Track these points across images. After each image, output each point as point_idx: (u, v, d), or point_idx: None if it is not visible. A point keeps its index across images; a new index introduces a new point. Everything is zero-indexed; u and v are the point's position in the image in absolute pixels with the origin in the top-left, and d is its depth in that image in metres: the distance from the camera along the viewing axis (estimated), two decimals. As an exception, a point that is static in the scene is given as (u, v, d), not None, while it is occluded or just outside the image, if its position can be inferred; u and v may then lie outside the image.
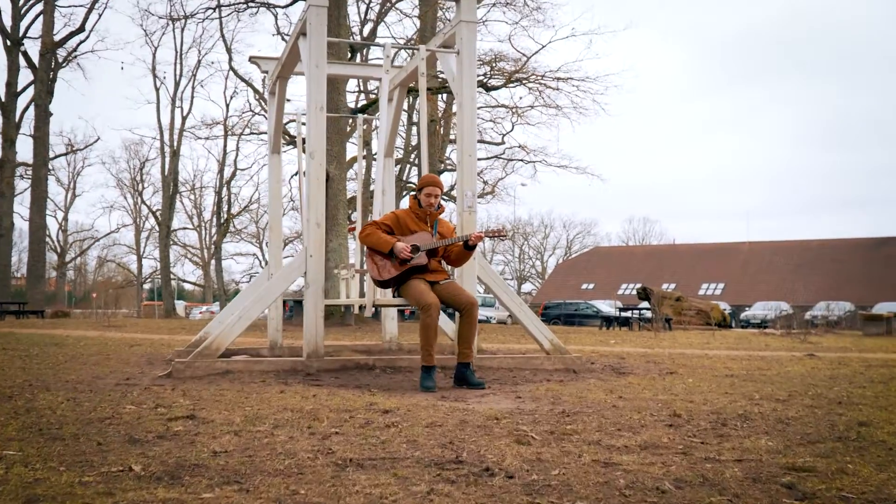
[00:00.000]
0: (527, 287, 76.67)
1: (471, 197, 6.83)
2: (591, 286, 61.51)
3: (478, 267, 6.84)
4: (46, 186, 29.91)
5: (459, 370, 5.82)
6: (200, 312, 47.78)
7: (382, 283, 6.04)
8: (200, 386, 5.51)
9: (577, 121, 40.47)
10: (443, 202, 6.32)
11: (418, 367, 6.49)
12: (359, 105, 25.51)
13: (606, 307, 34.98)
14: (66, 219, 58.85)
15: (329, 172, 17.66)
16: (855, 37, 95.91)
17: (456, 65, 6.91)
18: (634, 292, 35.60)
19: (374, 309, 6.60)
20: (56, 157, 41.99)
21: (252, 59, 8.93)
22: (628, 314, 23.76)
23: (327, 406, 4.37)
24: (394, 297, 6.19)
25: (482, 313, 37.77)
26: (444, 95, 30.00)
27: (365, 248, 6.11)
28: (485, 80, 20.89)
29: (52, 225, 52.23)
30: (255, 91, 34.05)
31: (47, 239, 59.46)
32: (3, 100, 34.06)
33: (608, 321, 23.28)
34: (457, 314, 5.92)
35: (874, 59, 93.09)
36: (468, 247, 5.99)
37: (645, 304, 26.02)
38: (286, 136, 21.58)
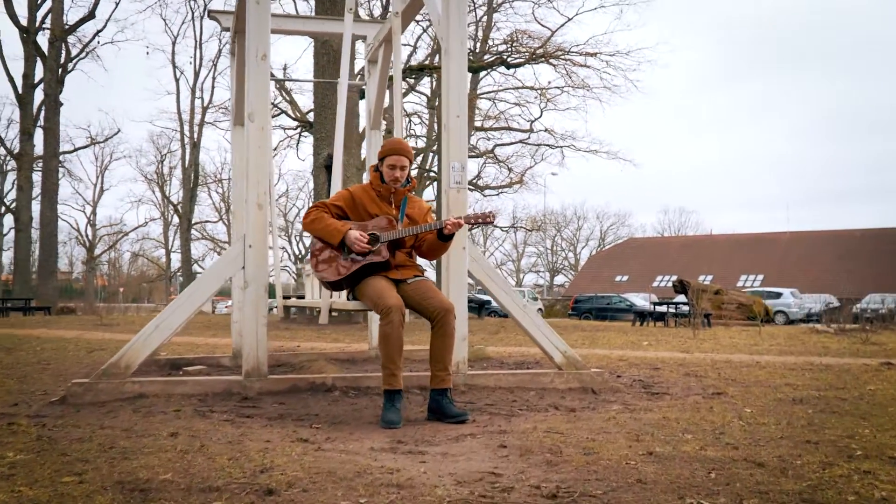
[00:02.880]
0: (559, 279, 75.02)
1: (459, 170, 5.35)
2: (626, 278, 59.67)
3: (468, 259, 5.36)
4: (57, 179, 28.96)
5: (433, 399, 4.37)
6: (227, 307, 46.94)
7: (332, 284, 4.59)
8: (90, 418, 4.14)
9: (608, 101, 38.65)
10: (413, 176, 4.87)
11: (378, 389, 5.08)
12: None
13: (640, 301, 33.28)
14: (94, 213, 58.52)
15: (331, 155, 16.25)
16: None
17: (441, 2, 5.43)
18: (670, 285, 33.85)
19: (331, 314, 5.15)
20: (76, 149, 41.22)
21: (211, 15, 7.54)
22: (663, 309, 22.08)
23: (215, 466, 2.94)
24: (349, 299, 4.74)
25: (510, 307, 36.26)
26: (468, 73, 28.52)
27: (311, 239, 4.67)
28: (505, 57, 19.32)
29: (81, 219, 51.78)
30: (276, 81, 32.86)
31: (76, 233, 59.48)
32: (20, 92, 33.30)
33: (642, 317, 21.63)
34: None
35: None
36: (443, 236, 4.52)
37: (681, 297, 24.28)
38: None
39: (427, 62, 21.21)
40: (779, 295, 32.70)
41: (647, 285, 52.56)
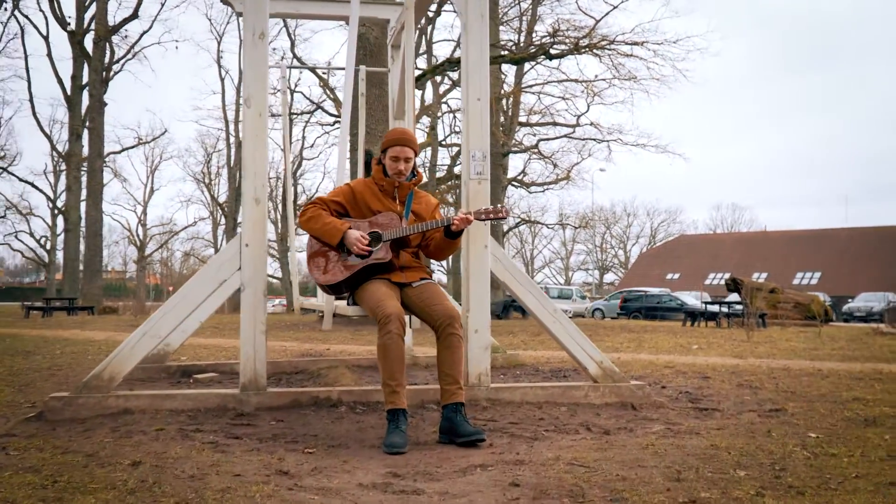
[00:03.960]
0: (609, 277, 73.80)
1: (480, 160, 4.80)
2: (677, 276, 58.38)
3: (491, 259, 4.80)
4: (102, 179, 29.10)
5: (446, 416, 3.83)
6: (273, 305, 47.01)
7: (331, 288, 4.08)
8: (60, 439, 3.70)
9: (656, 93, 37.51)
10: (421, 170, 4.34)
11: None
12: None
13: (692, 299, 32.22)
14: (144, 213, 59.29)
15: (372, 153, 15.80)
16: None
17: (459, -27, 4.88)
18: (723, 283, 32.71)
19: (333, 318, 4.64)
20: (124, 149, 41.65)
21: None
22: (715, 308, 21.16)
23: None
24: (349, 303, 4.23)
25: (557, 305, 35.35)
26: (512, 67, 27.82)
27: (308, 238, 4.17)
28: (546, 47, 18.64)
29: (132, 219, 52.49)
30: (319, 77, 32.64)
31: (127, 233, 60.35)
32: (68, 93, 33.68)
33: (693, 317, 20.74)
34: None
35: None
36: (450, 233, 3.99)
37: (734, 295, 23.30)
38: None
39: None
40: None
41: (699, 283, 51.21)
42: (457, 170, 34.43)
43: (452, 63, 18.55)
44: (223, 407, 4.43)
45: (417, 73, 24.10)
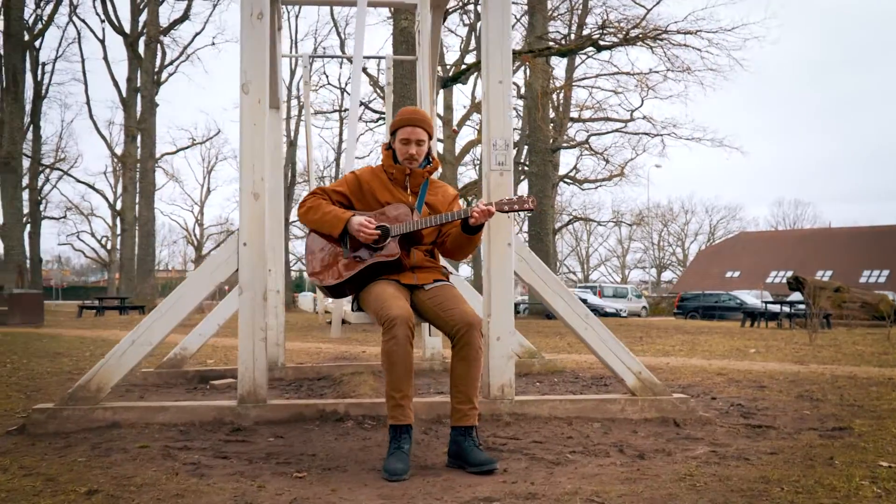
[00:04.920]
0: (667, 275, 72.31)
1: (502, 148, 4.33)
2: (737, 274, 56.84)
3: (515, 258, 4.33)
4: (154, 179, 29.37)
5: (453, 440, 3.37)
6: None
7: (332, 290, 3.65)
8: (30, 457, 3.38)
9: (712, 84, 36.30)
10: (436, 156, 3.89)
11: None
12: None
13: (752, 298, 31.08)
14: (201, 213, 60.09)
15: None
16: None
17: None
18: (784, 281, 31.47)
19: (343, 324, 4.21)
20: (178, 150, 42.14)
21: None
22: (777, 308, 20.25)
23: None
24: (353, 309, 3.80)
25: (610, 305, 34.61)
26: (563, 60, 27.14)
27: (308, 234, 3.76)
28: (595, 39, 17.98)
29: (189, 219, 53.22)
30: (370, 77, 32.45)
31: (184, 233, 61.30)
32: (123, 95, 34.19)
33: (752, 317, 19.87)
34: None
35: None
36: (469, 228, 3.52)
37: (797, 295, 22.29)
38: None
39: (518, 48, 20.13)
40: None
41: (760, 281, 49.67)
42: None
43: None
44: (219, 420, 4.06)
45: (463, 66, 23.63)
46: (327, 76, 38.30)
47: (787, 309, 19.39)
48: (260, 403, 4.08)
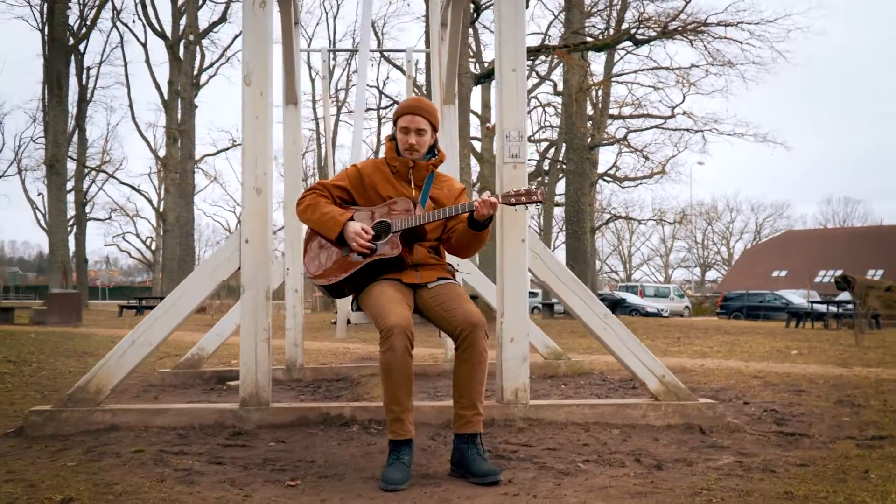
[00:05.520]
0: (711, 275, 71.04)
1: (516, 140, 4.12)
2: (783, 273, 55.55)
3: (529, 255, 4.12)
4: (193, 180, 29.64)
5: (456, 448, 3.18)
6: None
7: (330, 289, 3.48)
8: (21, 462, 3.27)
9: (754, 78, 35.44)
10: (442, 148, 3.70)
11: (419, 421, 3.95)
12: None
13: (798, 298, 30.30)
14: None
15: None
16: None
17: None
18: (832, 281, 30.65)
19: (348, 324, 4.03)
20: (218, 151, 42.49)
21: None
22: (823, 308, 19.63)
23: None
24: (353, 308, 3.62)
25: (651, 304, 34.04)
26: (601, 57, 26.71)
27: (305, 230, 3.60)
28: (632, 32, 17.58)
29: (232, 220, 53.79)
30: (404, 74, 32.37)
31: (227, 234, 61.94)
32: (165, 98, 34.62)
33: (797, 317, 19.30)
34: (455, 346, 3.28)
35: None
36: (475, 223, 3.31)
37: (845, 294, 21.62)
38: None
39: (557, 43, 19.83)
40: None
41: (808, 281, 48.51)
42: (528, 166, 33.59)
43: (532, 52, 17.77)
44: (220, 424, 3.92)
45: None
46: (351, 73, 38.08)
47: (833, 309, 18.78)
48: (262, 406, 3.93)
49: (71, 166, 35.98)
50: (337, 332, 4.01)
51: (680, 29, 16.79)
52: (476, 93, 26.26)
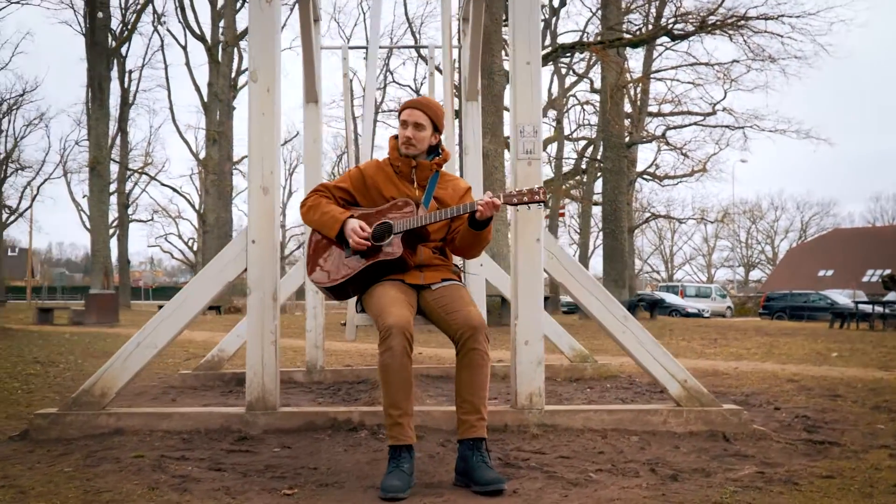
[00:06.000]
0: (755, 274, 69.78)
1: (531, 135, 3.97)
2: (830, 273, 54.31)
3: (545, 255, 3.97)
4: (231, 181, 29.88)
5: (462, 455, 3.06)
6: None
7: (333, 291, 3.38)
8: (19, 466, 3.21)
9: (796, 73, 34.60)
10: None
11: (430, 426, 3.84)
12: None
13: (843, 298, 29.54)
14: (283, 214, 61.19)
15: (482, 148, 15.09)
16: None
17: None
18: (880, 280, 29.83)
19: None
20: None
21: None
22: (868, 308, 19.07)
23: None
24: (357, 310, 3.52)
25: (692, 305, 33.44)
26: (640, 54, 26.35)
27: (310, 233, 3.51)
28: (669, 27, 17.24)
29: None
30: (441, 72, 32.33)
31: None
32: (205, 100, 35.02)
33: (841, 317, 18.78)
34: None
35: None
36: (475, 223, 3.19)
37: (893, 294, 21.00)
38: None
39: (595, 39, 19.54)
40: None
41: (855, 281, 47.38)
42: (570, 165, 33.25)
43: (566, 49, 17.52)
44: (226, 428, 3.84)
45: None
46: (392, 73, 38.18)
47: (880, 309, 18.23)
48: (269, 411, 3.84)
49: (114, 169, 36.65)
50: (347, 334, 3.92)
51: (718, 23, 16.41)
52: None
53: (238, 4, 30.48)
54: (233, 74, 30.49)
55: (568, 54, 21.86)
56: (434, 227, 3.33)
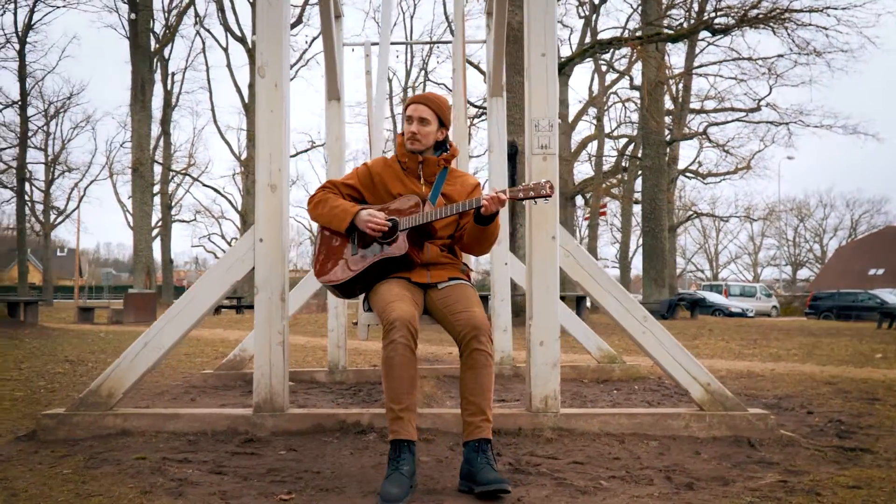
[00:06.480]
0: (803, 273, 68.30)
1: (546, 130, 3.84)
2: (881, 272, 52.89)
3: (561, 252, 3.83)
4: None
5: (466, 457, 2.95)
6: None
7: (340, 289, 3.30)
8: (19, 468, 3.18)
9: (843, 67, 33.74)
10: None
11: (441, 429, 3.73)
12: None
13: (894, 297, 28.70)
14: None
15: (517, 145, 14.96)
16: None
17: None
18: (933, 279, 28.86)
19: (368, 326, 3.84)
20: (297, 153, 43.15)
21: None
22: (919, 308, 18.46)
23: None
24: (364, 309, 3.43)
25: (736, 304, 32.78)
26: (682, 49, 25.93)
27: (318, 231, 3.43)
28: (709, 21, 16.87)
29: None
30: (481, 72, 32.17)
31: (309, 233, 63.14)
32: (245, 100, 35.41)
33: (890, 317, 18.20)
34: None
35: None
36: (481, 218, 3.08)
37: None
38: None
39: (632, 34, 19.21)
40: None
41: (907, 280, 46.04)
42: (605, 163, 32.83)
43: (603, 45, 17.26)
44: (233, 430, 3.77)
45: (561, 58, 22.89)
46: (427, 72, 38.04)
47: (930, 309, 17.62)
48: (277, 413, 3.77)
49: (157, 170, 37.22)
50: (359, 333, 3.83)
51: (761, 17, 16.01)
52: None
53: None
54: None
55: (607, 51, 21.55)
56: (441, 224, 3.25)
